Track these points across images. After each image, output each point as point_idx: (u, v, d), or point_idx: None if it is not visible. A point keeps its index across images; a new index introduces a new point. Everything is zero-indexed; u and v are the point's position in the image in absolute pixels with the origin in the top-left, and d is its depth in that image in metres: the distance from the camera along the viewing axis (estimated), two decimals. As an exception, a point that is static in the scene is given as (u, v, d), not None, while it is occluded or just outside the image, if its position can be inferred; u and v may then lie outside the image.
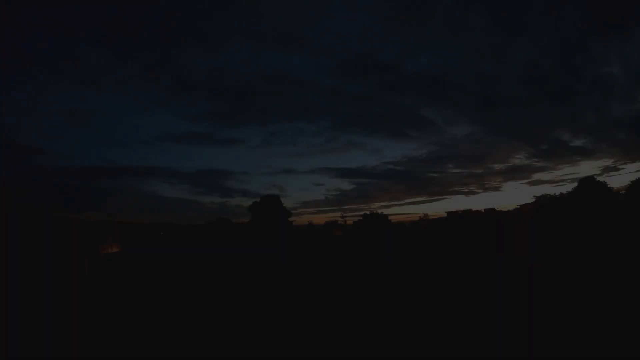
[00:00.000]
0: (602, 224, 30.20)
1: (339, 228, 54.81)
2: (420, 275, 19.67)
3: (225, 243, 37.46)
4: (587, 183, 40.61)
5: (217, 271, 21.84)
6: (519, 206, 47.94)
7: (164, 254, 33.56)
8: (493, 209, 54.30)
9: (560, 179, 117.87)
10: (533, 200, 49.78)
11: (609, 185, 40.69)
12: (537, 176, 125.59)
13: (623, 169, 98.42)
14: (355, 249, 32.49)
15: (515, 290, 14.26)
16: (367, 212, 47.88)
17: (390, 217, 46.13)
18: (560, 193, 49.33)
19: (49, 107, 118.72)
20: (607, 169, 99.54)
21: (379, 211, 46.04)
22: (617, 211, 32.89)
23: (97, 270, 23.53)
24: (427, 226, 48.65)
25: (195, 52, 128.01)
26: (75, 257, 22.99)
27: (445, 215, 51.86)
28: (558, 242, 27.04)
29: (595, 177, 41.86)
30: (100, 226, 68.03)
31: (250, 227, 44.74)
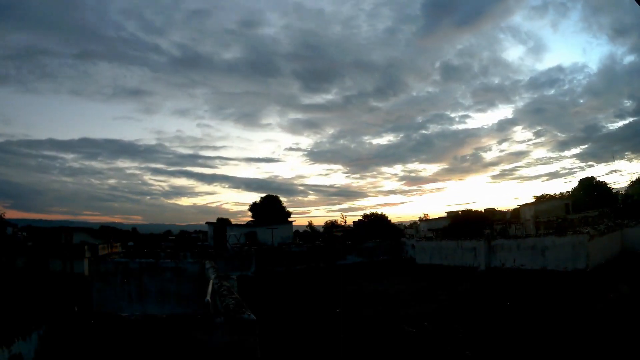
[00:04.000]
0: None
1: (339, 228, 54.87)
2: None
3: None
4: (587, 183, 40.56)
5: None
6: (519, 206, 47.90)
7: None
8: (493, 209, 54.20)
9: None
10: (533, 200, 49.77)
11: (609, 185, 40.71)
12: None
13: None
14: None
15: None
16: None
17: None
18: (560, 193, 49.35)
19: None
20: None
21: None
22: None
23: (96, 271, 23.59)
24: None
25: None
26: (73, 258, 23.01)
27: (445, 215, 51.91)
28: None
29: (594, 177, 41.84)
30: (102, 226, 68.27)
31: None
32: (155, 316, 4.82)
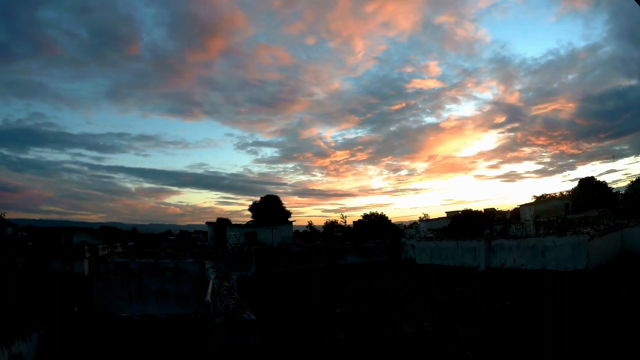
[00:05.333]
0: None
1: (339, 228, 54.93)
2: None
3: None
4: (587, 183, 40.57)
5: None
6: (519, 206, 47.88)
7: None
8: (493, 209, 54.18)
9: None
10: (533, 200, 49.76)
11: (609, 185, 40.72)
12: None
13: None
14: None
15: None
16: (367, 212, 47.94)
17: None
18: (560, 193, 49.36)
19: None
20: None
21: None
22: None
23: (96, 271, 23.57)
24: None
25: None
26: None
27: (445, 215, 51.93)
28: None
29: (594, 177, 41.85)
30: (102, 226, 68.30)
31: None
32: (155, 316, 4.82)
